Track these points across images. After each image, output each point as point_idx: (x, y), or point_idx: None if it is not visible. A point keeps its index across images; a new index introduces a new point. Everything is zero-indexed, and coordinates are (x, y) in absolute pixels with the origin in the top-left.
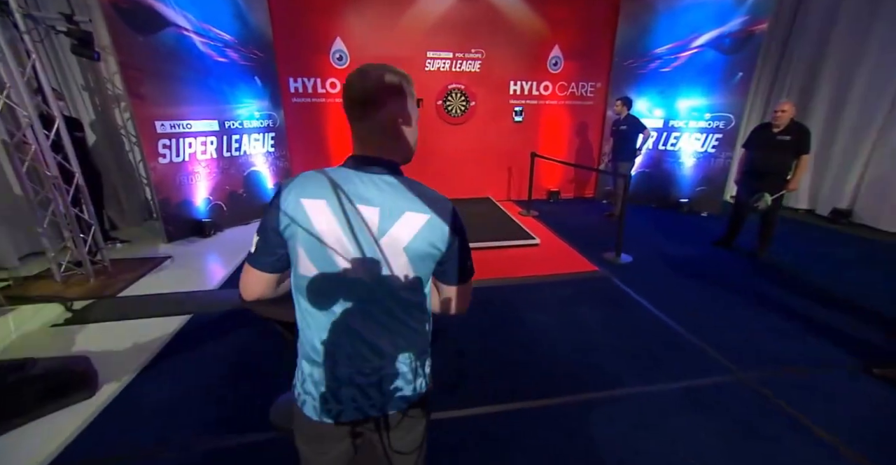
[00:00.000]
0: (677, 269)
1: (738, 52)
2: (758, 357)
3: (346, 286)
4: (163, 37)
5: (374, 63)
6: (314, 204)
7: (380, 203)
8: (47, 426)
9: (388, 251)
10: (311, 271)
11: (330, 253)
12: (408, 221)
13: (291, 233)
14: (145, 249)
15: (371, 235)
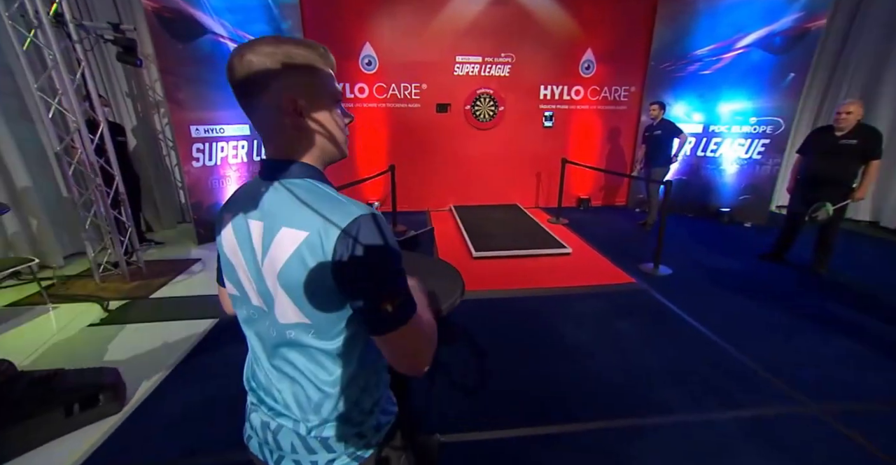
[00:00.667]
0: (722, 284)
1: (789, 51)
2: (829, 388)
3: (252, 313)
4: (200, 44)
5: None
6: (225, 218)
7: (265, 216)
8: (72, 435)
9: (268, 278)
10: (232, 291)
11: (238, 276)
12: (283, 239)
13: (218, 249)
14: (178, 251)
15: (256, 255)
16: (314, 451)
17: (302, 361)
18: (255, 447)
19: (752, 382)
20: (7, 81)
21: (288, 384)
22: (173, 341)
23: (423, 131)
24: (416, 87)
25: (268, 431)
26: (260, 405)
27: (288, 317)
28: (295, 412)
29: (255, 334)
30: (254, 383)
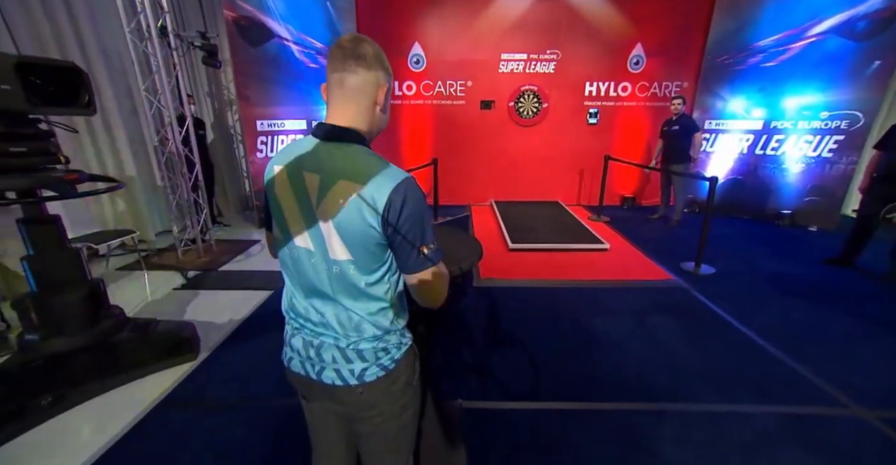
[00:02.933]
0: (775, 286)
1: (876, 36)
2: (884, 393)
3: (296, 251)
4: (269, 47)
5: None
6: (278, 170)
7: (320, 171)
8: (160, 374)
9: (322, 224)
10: (278, 234)
11: (286, 219)
12: (339, 190)
13: (266, 195)
14: (242, 233)
15: (311, 203)
16: (351, 361)
17: (345, 293)
18: (297, 365)
19: (797, 382)
20: (123, 85)
21: (332, 309)
22: (236, 307)
23: (467, 128)
24: (462, 84)
25: (310, 348)
26: (301, 329)
27: (337, 254)
28: (337, 330)
29: (295, 272)
30: (293, 313)
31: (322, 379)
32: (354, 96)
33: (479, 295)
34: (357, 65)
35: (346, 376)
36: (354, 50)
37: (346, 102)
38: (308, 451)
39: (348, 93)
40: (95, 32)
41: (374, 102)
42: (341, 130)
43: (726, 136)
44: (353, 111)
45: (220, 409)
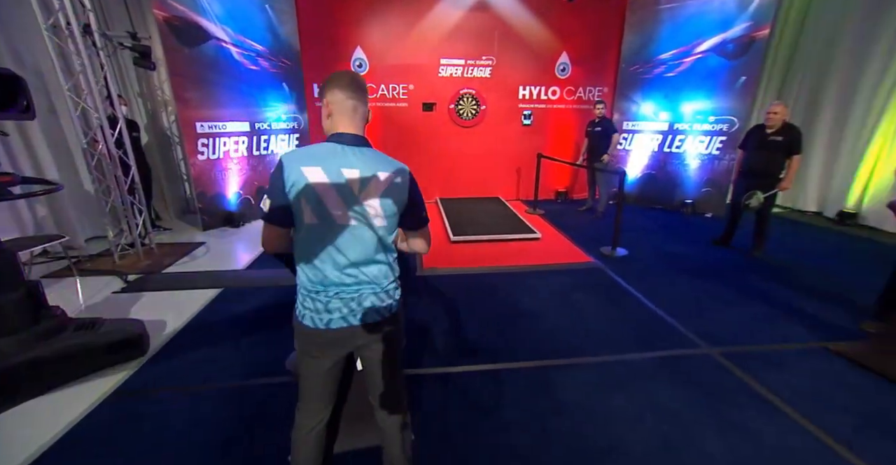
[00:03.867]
0: (671, 264)
1: (741, 56)
2: (729, 337)
3: (337, 230)
4: (205, 48)
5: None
6: (312, 171)
7: (360, 166)
8: (110, 370)
9: (367, 201)
10: (313, 220)
11: (325, 206)
12: (379, 180)
13: (295, 192)
14: (184, 236)
15: (353, 191)
16: (384, 300)
17: (374, 251)
18: (339, 322)
19: (670, 334)
20: (38, 85)
21: (365, 266)
22: (185, 305)
23: (411, 129)
24: (404, 87)
25: (351, 303)
26: (338, 294)
27: (377, 223)
28: (375, 281)
29: (334, 247)
30: (325, 285)
31: (365, 321)
32: (362, 116)
33: (422, 283)
34: (365, 97)
35: (384, 311)
36: (362, 86)
37: (357, 120)
38: (258, 431)
39: (358, 114)
40: (4, 29)
41: (367, 121)
42: (361, 138)
43: (641, 135)
44: (361, 126)
45: (174, 397)
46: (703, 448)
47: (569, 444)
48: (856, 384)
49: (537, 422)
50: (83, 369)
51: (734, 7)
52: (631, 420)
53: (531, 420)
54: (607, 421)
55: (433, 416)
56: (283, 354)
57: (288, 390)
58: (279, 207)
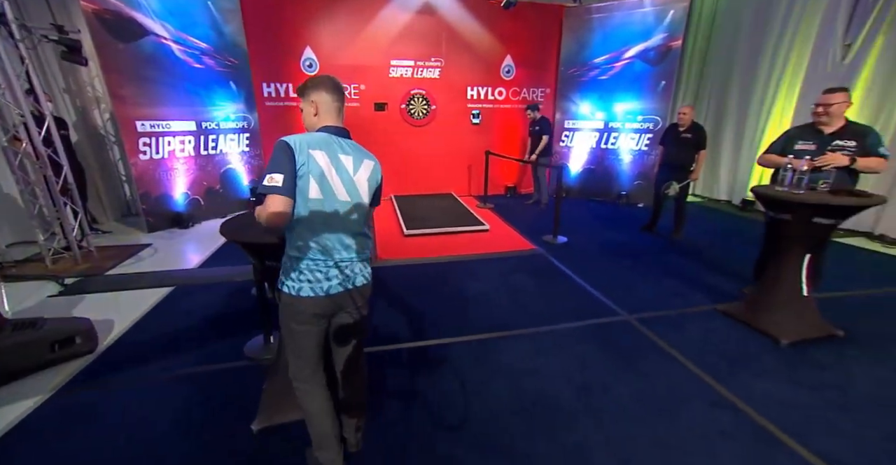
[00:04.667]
0: (604, 248)
1: (660, 63)
2: (645, 306)
3: (338, 205)
4: (142, 44)
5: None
6: (318, 153)
7: (351, 154)
8: (57, 367)
9: (359, 183)
10: (318, 195)
11: (329, 183)
12: (366, 165)
13: (305, 171)
14: (127, 239)
15: (349, 173)
16: (366, 267)
17: (362, 224)
18: (338, 287)
19: (598, 306)
20: None
21: (356, 238)
22: (133, 306)
23: (363, 128)
24: (356, 87)
25: (346, 270)
26: (338, 262)
27: (364, 199)
28: (360, 250)
29: (334, 220)
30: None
31: (356, 285)
32: (342, 114)
33: (377, 272)
34: (344, 98)
35: (367, 275)
36: (342, 90)
37: (340, 118)
38: (220, 414)
39: (341, 113)
40: None
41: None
42: (346, 131)
43: (580, 133)
44: (342, 121)
45: (129, 388)
46: (615, 391)
47: (505, 396)
48: (731, 335)
49: (478, 382)
50: (26, 366)
51: (653, 19)
52: (558, 375)
53: (473, 381)
54: (538, 377)
55: (385, 386)
56: (240, 342)
57: (248, 373)
58: (291, 180)
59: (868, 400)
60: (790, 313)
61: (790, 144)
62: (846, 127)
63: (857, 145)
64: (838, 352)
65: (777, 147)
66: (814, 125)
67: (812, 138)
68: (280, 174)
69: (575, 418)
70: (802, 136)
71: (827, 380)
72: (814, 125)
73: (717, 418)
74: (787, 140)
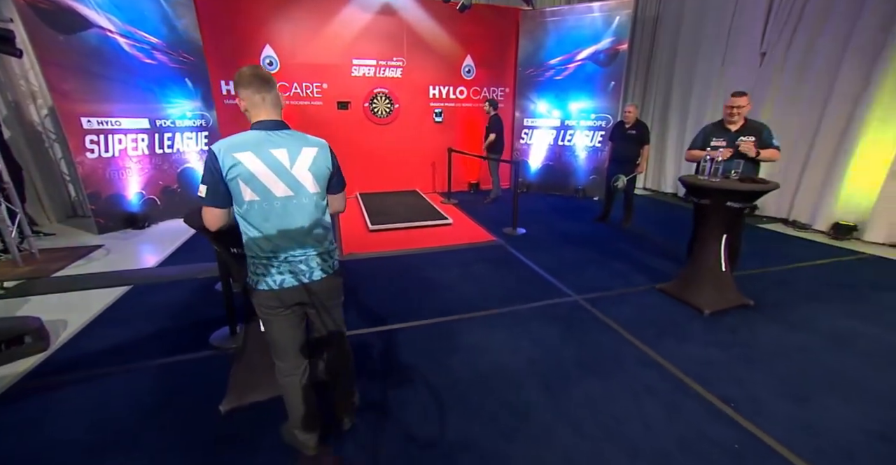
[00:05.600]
0: (560, 238)
1: (609, 65)
2: (592, 288)
3: (278, 203)
4: (85, 37)
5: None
6: (245, 155)
7: (286, 145)
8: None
9: (299, 174)
10: (254, 197)
11: (263, 183)
12: (305, 154)
13: (233, 176)
14: (75, 240)
15: (285, 167)
16: (326, 260)
17: (313, 217)
18: (291, 281)
19: (552, 290)
20: None
21: (308, 232)
22: (86, 306)
23: (327, 127)
24: (318, 86)
25: (300, 264)
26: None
27: (311, 189)
28: (316, 244)
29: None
30: (276, 252)
31: (313, 278)
32: (272, 104)
33: (342, 266)
34: (268, 86)
35: (327, 269)
36: (263, 77)
37: (269, 107)
38: (185, 401)
39: (268, 103)
40: None
41: (281, 105)
42: (280, 122)
43: (539, 131)
44: (275, 111)
45: (89, 380)
46: (560, 359)
47: (462, 368)
48: (664, 309)
49: (438, 358)
50: None
51: (601, 24)
52: (511, 350)
53: (433, 358)
54: (492, 352)
55: (360, 362)
56: (205, 334)
57: (214, 361)
58: (215, 190)
59: (765, 353)
60: (712, 287)
61: (707, 141)
62: (745, 125)
63: (756, 139)
64: (747, 318)
65: (698, 143)
66: (722, 123)
67: (722, 135)
68: (204, 185)
69: (524, 382)
70: (714, 133)
71: (736, 340)
72: (722, 123)
73: (645, 375)
74: (704, 137)
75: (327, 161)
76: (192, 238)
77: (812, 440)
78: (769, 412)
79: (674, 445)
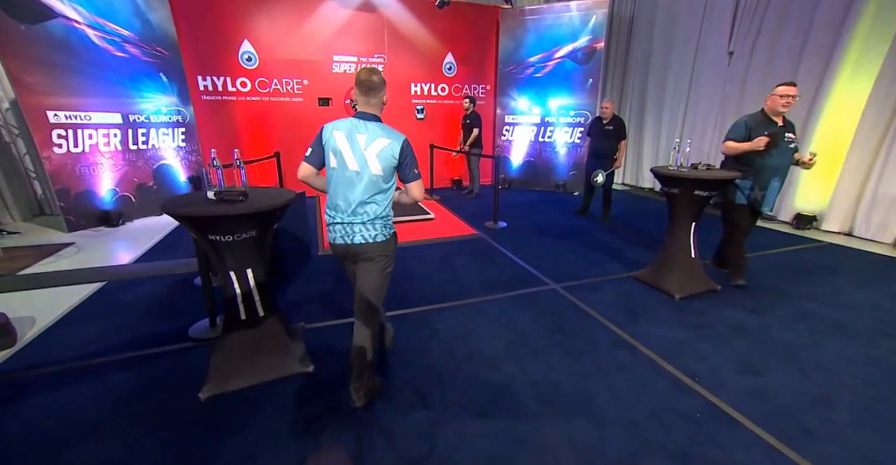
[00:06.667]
0: (540, 231)
1: (587, 62)
2: (570, 276)
3: (350, 173)
4: (50, 27)
5: (371, 66)
6: (338, 133)
7: (367, 133)
8: None
9: (368, 157)
10: (335, 164)
11: (343, 156)
12: (378, 142)
13: (328, 146)
14: (42, 238)
15: (361, 148)
16: (370, 230)
17: (372, 193)
18: (340, 239)
19: (530, 279)
20: None
21: (364, 203)
22: (56, 303)
23: (309, 123)
24: (298, 83)
25: (348, 227)
26: (343, 220)
27: (374, 171)
28: (364, 214)
29: (344, 185)
30: (336, 211)
31: (354, 241)
32: (375, 105)
33: (324, 261)
34: (375, 93)
35: (366, 237)
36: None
37: (369, 106)
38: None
39: (371, 104)
40: None
41: (382, 102)
42: (372, 116)
43: (520, 127)
44: (375, 108)
45: (61, 373)
46: (536, 342)
47: (442, 353)
48: (638, 294)
49: (418, 344)
50: None
51: (578, 23)
52: (489, 336)
53: (414, 344)
54: (472, 337)
55: (336, 352)
56: (183, 327)
57: (194, 352)
58: (314, 152)
59: (728, 332)
60: (682, 274)
61: (752, 134)
62: (785, 120)
63: (794, 137)
64: (714, 301)
65: (739, 136)
66: (766, 116)
67: (768, 129)
68: (310, 148)
69: (501, 364)
70: (759, 128)
71: (703, 322)
72: (766, 116)
73: (617, 355)
74: (747, 130)
75: (395, 152)
76: (169, 235)
77: (762, 405)
78: (727, 383)
79: (641, 416)
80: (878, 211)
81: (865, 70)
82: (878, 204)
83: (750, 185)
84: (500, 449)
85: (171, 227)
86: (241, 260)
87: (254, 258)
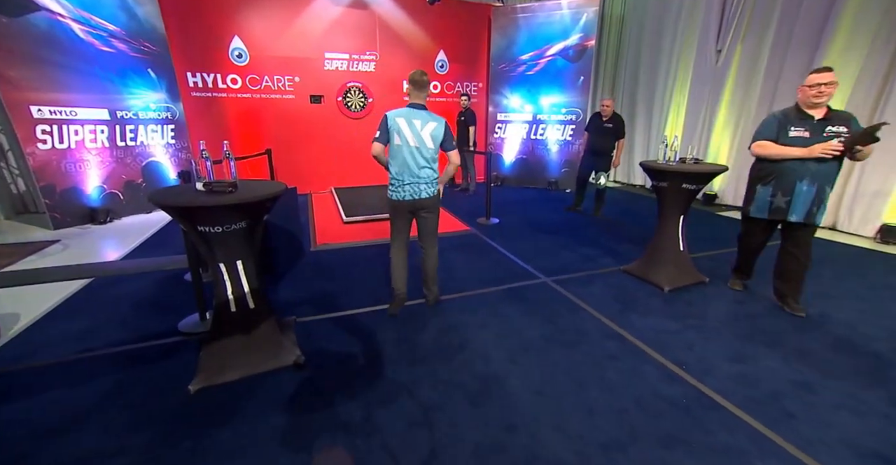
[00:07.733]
0: (532, 226)
1: (578, 60)
2: (562, 270)
3: (410, 148)
4: (33, 20)
5: (420, 69)
6: (399, 119)
7: (421, 118)
8: None
9: (424, 136)
10: (398, 142)
11: (404, 136)
12: (429, 125)
13: (391, 128)
14: (27, 236)
15: (418, 129)
16: (429, 187)
17: (428, 161)
18: (409, 196)
19: (521, 273)
20: None
21: (423, 169)
22: (42, 298)
23: (300, 121)
24: (290, 80)
25: (413, 186)
26: (410, 180)
27: (429, 146)
28: (425, 177)
29: (409, 156)
30: (403, 176)
31: (420, 197)
32: (419, 95)
33: (316, 256)
34: (423, 88)
35: (429, 193)
36: (419, 83)
37: (419, 99)
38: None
39: (419, 98)
40: None
41: (427, 95)
42: (422, 106)
43: (512, 125)
44: (423, 99)
45: (47, 369)
46: (527, 333)
47: (432, 345)
48: (628, 287)
49: (409, 336)
50: None
51: (569, 21)
52: (479, 327)
53: (405, 336)
54: (463, 329)
55: (328, 345)
56: (173, 322)
57: (183, 347)
58: (382, 132)
59: (715, 322)
60: (671, 266)
61: (783, 132)
62: (830, 112)
63: (848, 131)
64: (702, 292)
65: (770, 134)
66: (799, 110)
67: (803, 125)
68: (378, 131)
69: (491, 355)
70: (792, 122)
71: (691, 313)
72: (799, 110)
73: (607, 346)
74: (778, 127)
75: (440, 131)
76: (158, 232)
77: (746, 390)
78: (713, 371)
79: (630, 403)
80: (859, 205)
81: (848, 67)
82: (860, 199)
83: (771, 191)
84: (491, 437)
85: (160, 224)
86: (232, 252)
87: (244, 250)
